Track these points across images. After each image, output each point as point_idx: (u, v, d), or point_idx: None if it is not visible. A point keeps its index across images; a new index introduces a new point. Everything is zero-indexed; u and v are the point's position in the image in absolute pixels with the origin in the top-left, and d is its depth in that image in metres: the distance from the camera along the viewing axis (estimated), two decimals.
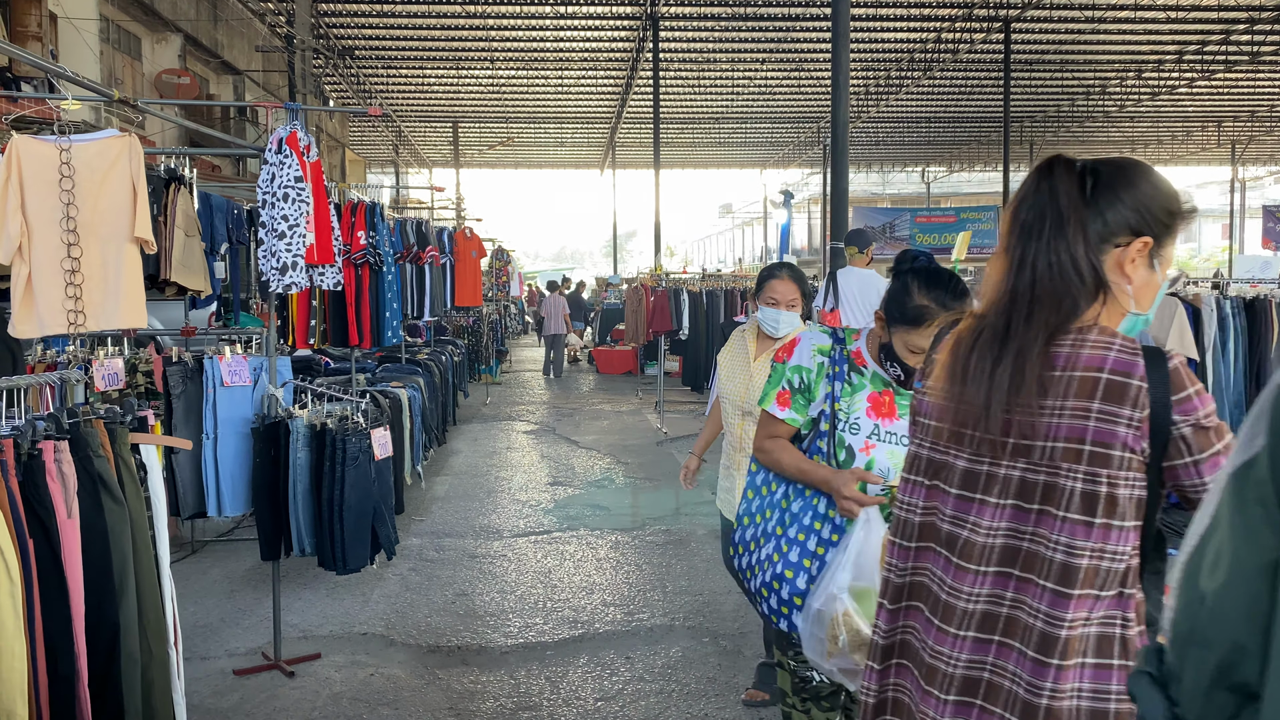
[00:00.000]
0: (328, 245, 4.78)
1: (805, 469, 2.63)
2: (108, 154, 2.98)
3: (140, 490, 2.78)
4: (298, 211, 4.39)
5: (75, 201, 2.91)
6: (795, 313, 3.72)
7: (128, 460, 2.76)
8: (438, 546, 6.58)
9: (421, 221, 8.56)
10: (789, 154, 32.97)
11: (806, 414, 2.72)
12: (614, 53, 20.90)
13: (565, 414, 12.61)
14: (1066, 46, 21.43)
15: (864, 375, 2.69)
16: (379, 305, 6.53)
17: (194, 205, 4.60)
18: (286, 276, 4.35)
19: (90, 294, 2.96)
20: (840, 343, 2.74)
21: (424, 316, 8.59)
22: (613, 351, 18.07)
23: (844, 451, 2.65)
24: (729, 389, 3.85)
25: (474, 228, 10.86)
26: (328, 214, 4.78)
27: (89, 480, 2.57)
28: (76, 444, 2.55)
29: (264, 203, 4.41)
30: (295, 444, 4.45)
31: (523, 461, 9.52)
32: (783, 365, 2.75)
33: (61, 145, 2.88)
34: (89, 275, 2.98)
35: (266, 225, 4.40)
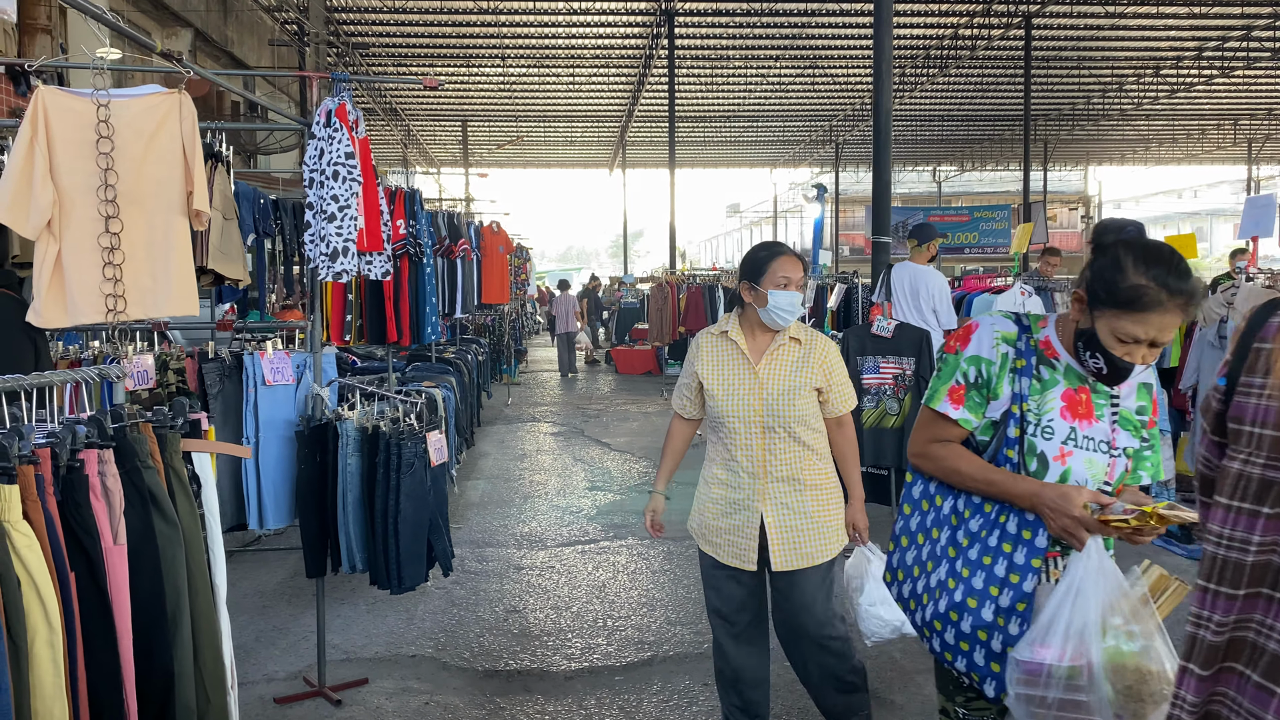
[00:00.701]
0: (377, 230, 4.32)
1: (998, 480, 2.17)
2: (155, 112, 2.52)
3: (194, 507, 2.33)
4: (348, 191, 3.93)
5: (115, 167, 2.45)
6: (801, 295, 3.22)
7: (179, 471, 2.30)
8: (480, 557, 6.12)
9: (453, 213, 8.10)
10: (799, 153, 32.50)
11: (982, 415, 2.27)
12: (626, 49, 20.48)
13: (591, 415, 12.15)
14: (1085, 43, 21.01)
15: (1056, 369, 2.23)
16: (419, 300, 6.07)
17: (231, 186, 4.13)
18: (337, 263, 3.88)
19: (133, 276, 2.50)
20: (1026, 330, 2.28)
21: (455, 313, 8.13)
22: (632, 351, 17.61)
23: (1034, 460, 2.19)
24: (731, 406, 3.16)
25: (500, 223, 10.40)
26: (377, 196, 4.32)
27: (137, 497, 2.11)
28: (123, 453, 2.10)
29: (311, 181, 3.95)
30: (345, 449, 3.99)
31: (555, 465, 9.06)
32: (956, 356, 2.29)
33: (99, 100, 2.42)
34: (131, 254, 2.51)
35: (314, 206, 3.94)
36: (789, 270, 3.12)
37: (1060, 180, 37.48)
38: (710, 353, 3.26)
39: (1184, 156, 33.48)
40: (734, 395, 3.16)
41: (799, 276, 3.13)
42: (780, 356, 3.18)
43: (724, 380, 3.20)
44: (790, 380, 3.15)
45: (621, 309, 19.24)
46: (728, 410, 3.17)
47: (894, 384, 5.90)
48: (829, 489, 3.23)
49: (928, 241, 7.58)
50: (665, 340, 13.67)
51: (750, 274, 3.18)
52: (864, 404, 5.90)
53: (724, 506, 3.21)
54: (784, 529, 3.14)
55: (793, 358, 3.19)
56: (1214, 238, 42.69)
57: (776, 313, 3.12)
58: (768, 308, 3.11)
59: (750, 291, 3.17)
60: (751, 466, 3.15)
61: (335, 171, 3.90)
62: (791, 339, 3.20)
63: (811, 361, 3.19)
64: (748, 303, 3.20)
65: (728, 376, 3.20)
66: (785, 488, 3.14)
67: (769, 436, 3.13)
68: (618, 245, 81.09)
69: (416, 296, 6.08)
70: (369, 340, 6.02)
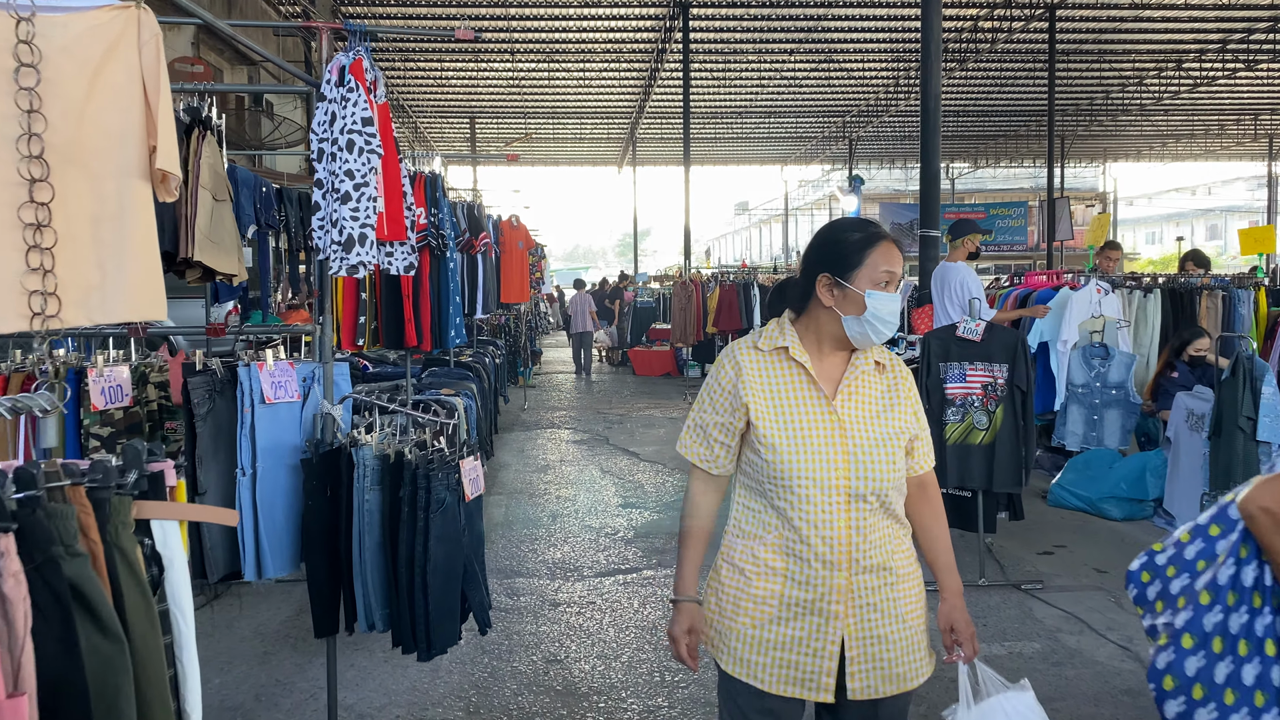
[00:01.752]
0: (400, 216, 3.55)
1: None
2: (102, 35, 1.75)
3: (151, 604, 1.56)
4: (365, 166, 3.16)
5: (43, 109, 1.69)
6: None
7: (129, 552, 1.54)
8: (510, 589, 5.35)
9: (473, 204, 7.33)
10: (811, 149, 31.72)
11: None
12: (638, 43, 19.78)
13: (614, 421, 11.37)
14: (1106, 35, 20.33)
15: None
16: (441, 299, 5.30)
17: (223, 160, 3.37)
18: (352, 253, 3.12)
19: (70, 265, 1.73)
20: None
21: (477, 313, 7.36)
22: (650, 352, 16.82)
23: None
24: (802, 462, 2.12)
25: (520, 217, 9.63)
26: (400, 175, 3.56)
27: (54, 605, 1.35)
28: (30, 539, 1.33)
29: (319, 154, 3.18)
30: (361, 481, 3.22)
31: (582, 477, 8.29)
32: None
33: (19, 13, 1.66)
34: (68, 235, 1.75)
35: (324, 184, 3.17)
36: (892, 263, 2.19)
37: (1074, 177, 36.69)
38: (761, 377, 2.20)
39: (1202, 153, 32.67)
40: (805, 445, 2.13)
41: (900, 273, 2.22)
42: (862, 388, 2.21)
43: (788, 421, 2.15)
44: (883, 424, 2.20)
45: (637, 308, 18.45)
46: (796, 468, 2.11)
47: (983, 394, 5.13)
48: (917, 578, 2.26)
49: (962, 237, 6.86)
50: (689, 341, 12.90)
51: (834, 263, 2.19)
52: (948, 416, 5.13)
53: (779, 609, 2.14)
54: (871, 640, 2.14)
55: (878, 390, 2.24)
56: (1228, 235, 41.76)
57: (874, 324, 2.15)
58: (864, 316, 2.14)
59: (833, 290, 2.18)
60: (830, 552, 2.11)
61: (350, 141, 3.13)
62: (875, 362, 2.26)
63: (901, 396, 2.27)
64: (824, 306, 2.19)
65: (794, 416, 2.15)
66: (874, 581, 2.15)
67: (856, 508, 2.12)
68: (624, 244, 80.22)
69: (439, 295, 5.31)
70: (385, 344, 5.26)
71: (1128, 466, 6.75)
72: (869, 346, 2.22)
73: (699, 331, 12.43)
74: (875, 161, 33.85)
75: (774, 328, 2.28)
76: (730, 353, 2.29)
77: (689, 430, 2.33)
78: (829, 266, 2.19)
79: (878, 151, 32.48)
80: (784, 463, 2.12)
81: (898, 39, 19.94)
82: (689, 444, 2.32)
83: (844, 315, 2.16)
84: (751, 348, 2.25)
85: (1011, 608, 5.00)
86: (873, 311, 2.14)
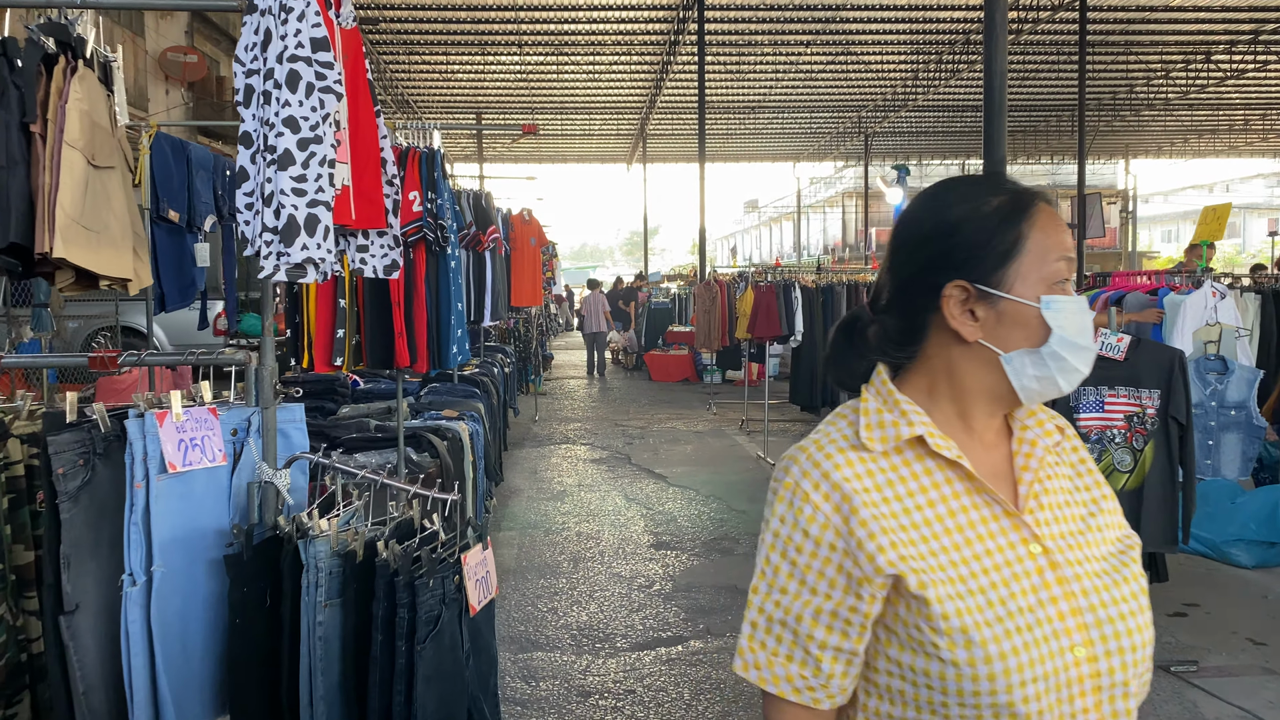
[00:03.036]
0: (377, 192, 2.43)
1: None
2: None
3: None
4: (318, 114, 2.04)
5: None
6: None
7: None
8: (527, 670, 4.22)
9: (480, 194, 6.20)
10: (825, 146, 30.57)
11: None
12: (650, 35, 18.72)
13: (634, 435, 10.23)
14: (1135, 25, 19.28)
15: None
16: (441, 306, 4.17)
17: (113, 110, 2.26)
18: (296, 247, 1.99)
19: None
20: None
21: (485, 320, 6.25)
22: (667, 356, 15.65)
23: None
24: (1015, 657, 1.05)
25: (532, 210, 8.50)
26: (376, 133, 2.42)
27: None
28: None
29: (247, 94, 2.05)
30: (313, 592, 2.10)
31: (604, 507, 7.15)
32: None
33: None
34: None
35: (253, 140, 2.04)
36: (1065, 241, 1.16)
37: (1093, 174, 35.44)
38: (894, 506, 1.11)
39: (1225, 149, 31.44)
40: (1014, 618, 1.07)
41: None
42: (1048, 480, 1.19)
43: (973, 582, 1.09)
44: (1103, 543, 1.19)
45: (652, 309, 17.30)
46: (1011, 667, 1.05)
47: (1126, 427, 3.99)
48: None
49: None
50: (714, 347, 11.76)
51: (966, 260, 1.14)
52: None
53: None
54: None
55: (1066, 478, 1.23)
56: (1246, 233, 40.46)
57: (1065, 358, 1.13)
58: (1045, 348, 1.12)
59: (974, 309, 1.14)
60: None
61: (293, 74, 2.01)
62: (1055, 426, 1.24)
63: (1092, 480, 1.25)
64: (961, 342, 1.15)
65: (976, 566, 1.10)
66: None
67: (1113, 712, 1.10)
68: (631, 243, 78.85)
69: (437, 301, 4.18)
70: (369, 364, 4.12)
71: (1256, 503, 5.61)
72: (1045, 400, 1.18)
73: (724, 336, 11.28)
74: (890, 159, 32.69)
75: (876, 404, 1.17)
76: (810, 474, 1.13)
77: (761, 632, 1.17)
78: (960, 268, 1.13)
79: (893, 148, 31.36)
80: (989, 661, 1.05)
81: (918, 30, 18.90)
82: (767, 659, 1.16)
83: (1004, 353, 1.13)
84: (848, 450, 1.14)
85: (1169, 700, 3.86)
86: (1060, 335, 1.12)
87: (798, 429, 10.24)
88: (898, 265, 1.19)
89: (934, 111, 26.67)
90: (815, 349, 8.40)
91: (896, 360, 1.20)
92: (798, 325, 8.21)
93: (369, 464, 4.30)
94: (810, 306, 8.36)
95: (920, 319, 1.16)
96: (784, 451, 1.20)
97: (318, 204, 2.00)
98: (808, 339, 8.37)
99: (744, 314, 9.51)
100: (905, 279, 1.18)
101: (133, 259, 2.23)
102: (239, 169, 2.02)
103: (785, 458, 1.18)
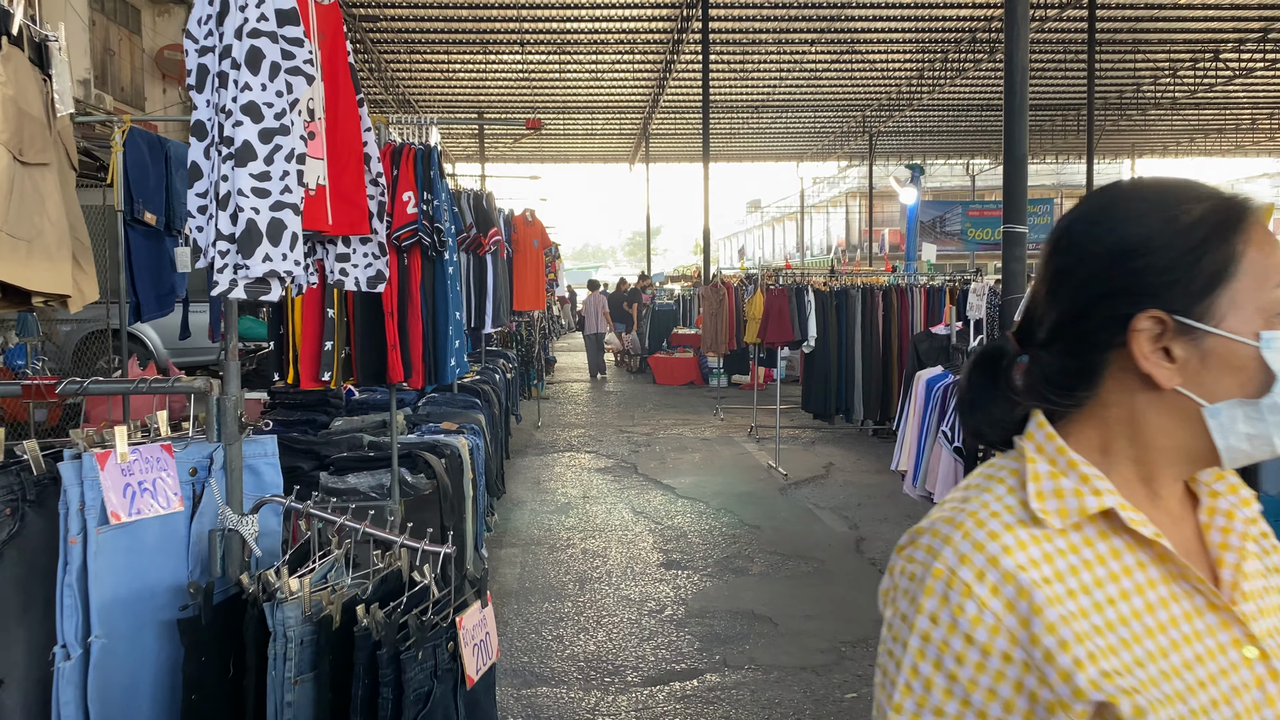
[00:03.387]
0: (358, 193, 2.09)
1: None
2: None
3: None
4: (284, 100, 1.70)
5: None
6: None
7: None
8: (530, 708, 3.89)
9: (481, 194, 5.87)
10: (829, 145, 30.22)
11: None
12: (653, 33, 18.41)
13: (640, 443, 9.90)
14: (1143, 24, 19.00)
15: None
16: (438, 316, 3.83)
17: (51, 97, 1.92)
18: (255, 259, 1.66)
19: None
20: None
21: (486, 327, 5.92)
22: (672, 359, 15.31)
23: None
24: None
25: (535, 211, 8.16)
26: (358, 122, 2.09)
27: None
28: None
29: (200, 76, 1.72)
30: (282, 665, 1.77)
31: (611, 521, 6.82)
32: None
33: None
34: None
35: (207, 131, 1.71)
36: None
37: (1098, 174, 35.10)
38: (1084, 601, 0.82)
39: (1232, 148, 31.09)
40: None
41: None
42: (1247, 559, 0.90)
43: (1193, 704, 0.80)
44: None
45: (655, 311, 16.97)
46: None
47: None
48: None
49: None
50: (721, 351, 11.42)
51: (1159, 284, 0.84)
52: None
53: None
54: None
55: (1253, 548, 0.93)
56: None
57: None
58: (1266, 399, 0.83)
59: (1174, 346, 0.84)
60: None
61: (253, 53, 1.67)
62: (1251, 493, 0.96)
63: (1275, 554, 0.96)
64: (1152, 388, 0.86)
65: (1197, 681, 0.81)
66: None
67: None
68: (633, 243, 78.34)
69: (434, 311, 3.85)
70: (360, 380, 3.79)
71: None
72: (1252, 463, 0.89)
73: (731, 340, 10.95)
74: (894, 158, 32.36)
75: (1046, 466, 0.88)
76: (971, 559, 0.84)
77: None
78: (1154, 296, 0.86)
79: (896, 148, 31.03)
80: None
81: (924, 28, 18.60)
82: None
83: (1209, 403, 0.86)
84: (1017, 526, 0.85)
85: None
86: None
87: (807, 436, 9.91)
88: (1064, 291, 0.88)
89: (939, 111, 26.36)
90: (828, 354, 8.03)
91: (1058, 407, 0.91)
92: (811, 330, 7.86)
93: (360, 486, 3.97)
94: (824, 311, 8.01)
95: (1095, 358, 0.89)
96: (926, 521, 0.88)
97: (283, 206, 1.67)
98: (820, 344, 8.02)
99: (753, 318, 9.17)
100: (1076, 308, 0.88)
101: (72, 271, 1.90)
102: (190, 165, 1.69)
103: (929, 533, 0.87)
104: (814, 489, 7.67)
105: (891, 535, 6.34)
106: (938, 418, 5.20)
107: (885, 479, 8.01)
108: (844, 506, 7.10)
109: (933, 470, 5.16)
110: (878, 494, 7.49)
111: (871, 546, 6.12)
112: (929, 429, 5.33)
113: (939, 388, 5.29)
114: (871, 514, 6.90)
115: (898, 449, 5.62)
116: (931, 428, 5.27)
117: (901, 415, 5.69)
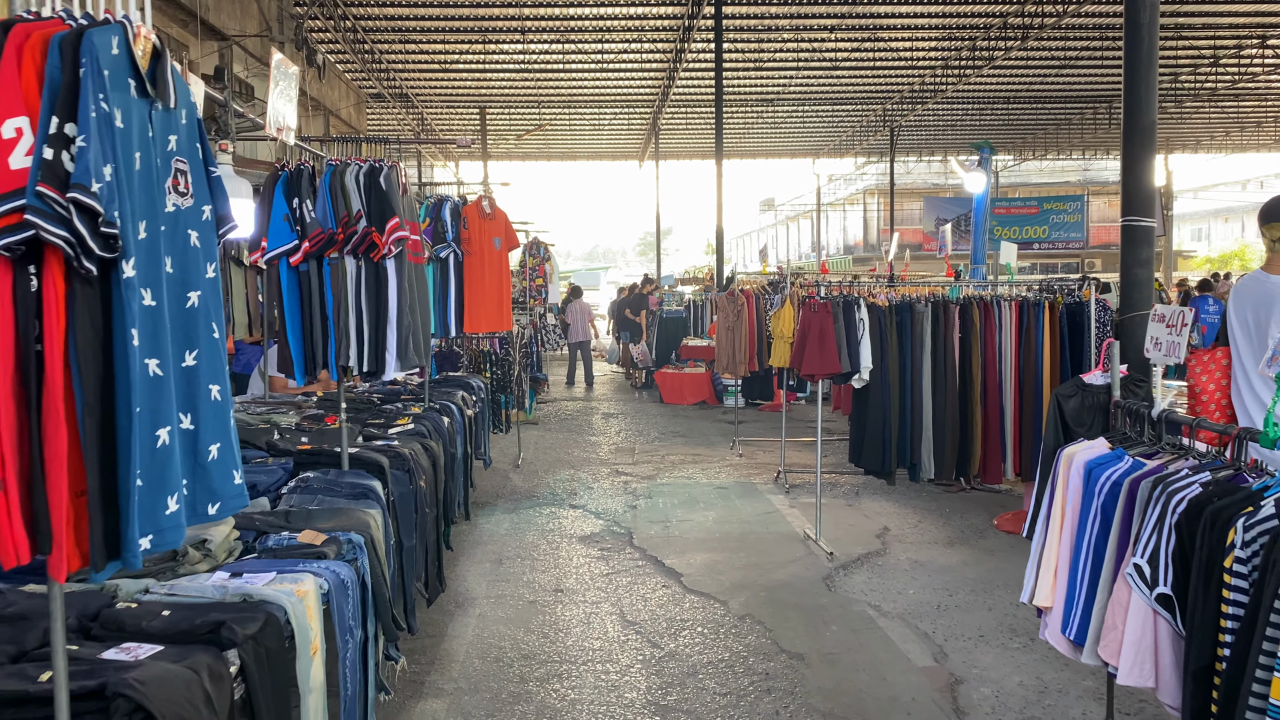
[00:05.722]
0: None
1: None
2: None
3: None
4: None
5: None
6: None
7: None
8: None
9: (379, 169, 3.65)
10: (847, 141, 27.91)
11: None
12: (662, 18, 16.27)
13: (639, 492, 7.66)
14: (1186, 7, 16.69)
15: None
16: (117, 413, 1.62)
17: None
18: None
19: None
20: None
21: (387, 372, 3.73)
22: (681, 375, 13.04)
23: None
24: None
25: (494, 199, 5.95)
26: None
27: None
28: None
29: None
30: None
31: (586, 644, 4.60)
32: None
33: None
34: None
35: None
36: None
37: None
38: None
39: (1270, 142, 28.59)
40: None
41: None
42: None
43: None
44: None
45: (664, 318, 14.73)
46: None
47: None
48: None
49: None
50: (739, 373, 9.16)
51: None
52: None
53: None
54: None
55: None
56: None
57: None
58: None
59: None
60: None
61: None
62: None
63: None
64: None
65: None
66: None
67: None
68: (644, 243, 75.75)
69: (105, 398, 1.64)
70: None
71: None
72: None
73: (752, 360, 8.70)
74: (914, 154, 30.04)
75: None
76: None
77: None
78: None
79: (918, 143, 28.71)
80: None
81: (951, 14, 16.35)
82: None
83: None
84: None
85: None
86: None
87: (847, 483, 7.65)
88: None
89: (964, 103, 24.11)
90: (888, 391, 5.65)
91: None
92: (864, 359, 5.55)
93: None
94: (880, 332, 5.66)
95: None
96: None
97: None
98: (878, 377, 5.64)
99: (781, 336, 6.94)
100: None
101: None
102: None
103: None
104: (871, 576, 5.42)
105: (998, 672, 4.12)
106: (1118, 537, 2.98)
107: (961, 554, 5.78)
108: (917, 611, 4.88)
109: (1111, 625, 2.93)
110: (958, 584, 5.26)
111: (972, 697, 3.90)
112: (1089, 549, 3.11)
113: (1109, 481, 3.07)
114: (960, 626, 4.67)
115: (1030, 570, 3.39)
116: (1100, 550, 3.05)
117: (1036, 513, 3.48)
